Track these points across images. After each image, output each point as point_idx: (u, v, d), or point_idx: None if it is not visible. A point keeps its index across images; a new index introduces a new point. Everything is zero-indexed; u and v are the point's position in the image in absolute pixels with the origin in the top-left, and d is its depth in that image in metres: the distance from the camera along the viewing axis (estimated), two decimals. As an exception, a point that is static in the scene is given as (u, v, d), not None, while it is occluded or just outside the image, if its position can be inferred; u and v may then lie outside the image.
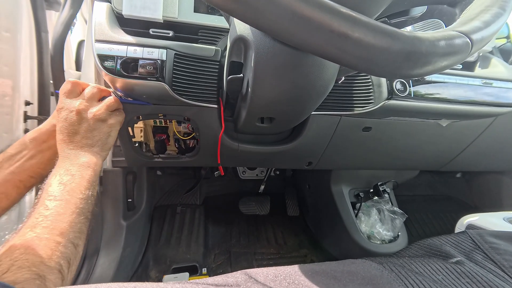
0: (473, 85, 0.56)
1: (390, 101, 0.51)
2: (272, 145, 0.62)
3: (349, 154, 0.74)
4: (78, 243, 0.34)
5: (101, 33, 0.43)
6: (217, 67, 0.49)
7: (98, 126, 0.43)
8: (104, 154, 0.45)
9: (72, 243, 0.33)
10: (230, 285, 0.21)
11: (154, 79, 0.43)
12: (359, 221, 0.86)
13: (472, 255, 0.31)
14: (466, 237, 0.34)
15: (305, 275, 0.25)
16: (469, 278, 0.27)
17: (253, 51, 0.35)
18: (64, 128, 0.41)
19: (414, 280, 0.26)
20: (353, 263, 0.28)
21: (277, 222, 1.04)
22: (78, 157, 0.40)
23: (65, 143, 0.41)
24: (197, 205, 0.99)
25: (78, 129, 0.42)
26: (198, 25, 0.51)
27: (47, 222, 0.32)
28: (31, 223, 0.32)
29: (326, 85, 0.40)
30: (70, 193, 0.36)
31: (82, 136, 0.42)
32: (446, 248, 0.33)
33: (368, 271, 0.27)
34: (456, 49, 0.20)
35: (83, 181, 0.38)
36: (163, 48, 0.44)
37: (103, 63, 0.42)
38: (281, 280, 0.23)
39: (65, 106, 0.42)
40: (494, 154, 0.88)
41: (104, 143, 0.44)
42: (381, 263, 0.29)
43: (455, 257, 0.30)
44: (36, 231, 0.31)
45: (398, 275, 0.26)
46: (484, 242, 0.32)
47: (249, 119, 0.48)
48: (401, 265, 0.28)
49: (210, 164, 0.66)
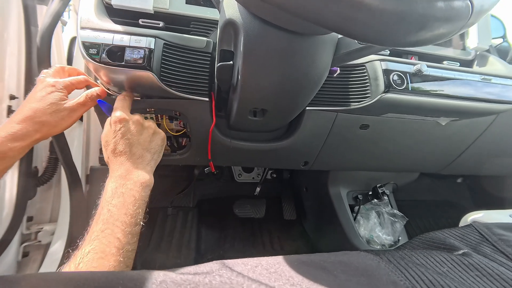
0: (472, 81, 0.55)
1: (387, 94, 0.49)
2: (266, 142, 0.59)
3: (346, 154, 0.71)
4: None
5: (87, 21, 0.41)
6: (208, 59, 0.47)
7: (155, 138, 0.43)
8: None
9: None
10: (202, 272, 0.19)
11: (141, 68, 0.42)
12: (358, 224, 0.82)
13: (479, 247, 0.28)
14: (472, 230, 0.31)
15: (289, 265, 0.22)
16: (478, 271, 0.24)
17: (242, 35, 0.33)
18: (125, 139, 0.39)
19: (415, 272, 0.23)
20: (346, 254, 0.25)
21: (274, 227, 1.00)
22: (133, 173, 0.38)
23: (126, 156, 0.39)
24: (190, 207, 0.95)
25: (139, 140, 0.41)
26: (190, 17, 0.50)
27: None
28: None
29: (319, 73, 0.38)
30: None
31: (143, 148, 0.41)
32: (451, 241, 0.29)
33: (362, 261, 0.24)
34: (455, 12, 0.18)
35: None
36: (152, 37, 0.43)
37: (88, 51, 0.40)
38: (261, 270, 0.21)
39: (128, 119, 0.41)
40: (495, 157, 0.86)
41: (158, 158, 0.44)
42: (377, 254, 0.26)
43: (461, 249, 0.27)
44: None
45: (396, 266, 0.24)
46: (492, 234, 0.30)
47: (241, 111, 0.46)
48: (400, 257, 0.25)
49: (202, 162, 0.64)
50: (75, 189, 0.64)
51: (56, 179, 0.71)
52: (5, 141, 0.36)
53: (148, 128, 0.44)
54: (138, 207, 0.35)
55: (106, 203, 0.34)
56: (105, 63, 0.40)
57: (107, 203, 0.34)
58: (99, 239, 0.30)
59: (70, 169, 0.63)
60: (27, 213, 0.67)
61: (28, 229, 0.67)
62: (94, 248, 0.29)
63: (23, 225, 0.65)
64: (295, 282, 0.19)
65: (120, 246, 0.31)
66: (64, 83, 0.42)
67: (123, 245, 0.31)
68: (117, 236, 0.31)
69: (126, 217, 0.33)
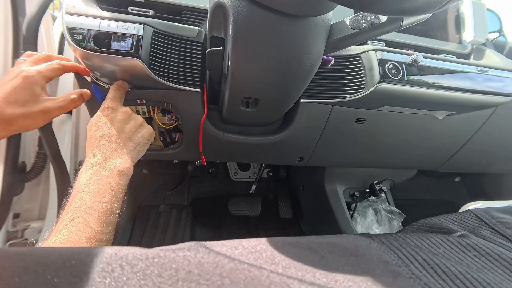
0: (468, 73, 0.54)
1: (383, 84, 0.48)
2: (260, 136, 0.58)
3: (342, 149, 0.70)
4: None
5: (73, 6, 0.40)
6: (200, 49, 0.46)
7: (141, 130, 0.43)
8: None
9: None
10: (174, 249, 0.17)
11: (128, 55, 0.40)
12: (355, 222, 0.81)
13: (478, 231, 0.27)
14: (470, 215, 0.30)
15: (273, 246, 0.20)
16: (476, 251, 0.23)
17: (231, 18, 0.32)
18: (109, 125, 0.38)
19: (409, 252, 0.21)
20: (335, 236, 0.24)
21: (270, 226, 0.99)
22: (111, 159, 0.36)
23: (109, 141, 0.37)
24: (184, 205, 0.93)
25: (124, 128, 0.40)
26: (182, 6, 0.49)
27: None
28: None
29: (312, 60, 0.37)
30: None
31: (127, 137, 0.40)
32: (448, 225, 0.28)
33: (353, 242, 0.22)
34: None
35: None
36: (141, 24, 0.41)
37: (73, 37, 0.39)
38: (242, 250, 0.19)
39: (116, 107, 0.40)
40: (493, 153, 0.85)
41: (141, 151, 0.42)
42: (369, 237, 0.24)
43: (458, 232, 0.26)
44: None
45: (389, 247, 0.22)
46: (491, 218, 0.28)
47: (233, 100, 0.44)
48: (393, 238, 0.24)
49: (196, 157, 0.62)
50: (64, 185, 0.62)
51: (45, 175, 0.69)
52: None
53: (135, 119, 0.43)
54: (114, 195, 0.32)
55: (78, 191, 0.31)
56: (91, 50, 0.39)
57: (80, 191, 0.31)
58: (68, 228, 0.28)
59: (59, 164, 0.61)
60: (14, 209, 0.64)
61: (14, 226, 0.65)
62: (61, 237, 0.27)
63: (8, 222, 0.63)
64: (277, 261, 0.18)
65: (92, 235, 0.28)
66: (40, 73, 0.37)
67: (95, 235, 0.28)
68: (90, 225, 0.28)
69: (101, 205, 0.30)
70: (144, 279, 0.13)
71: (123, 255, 0.14)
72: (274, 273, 0.15)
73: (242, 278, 0.14)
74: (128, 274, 0.13)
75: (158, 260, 0.14)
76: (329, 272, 0.18)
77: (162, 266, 0.14)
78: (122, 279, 0.13)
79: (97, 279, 0.13)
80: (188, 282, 0.13)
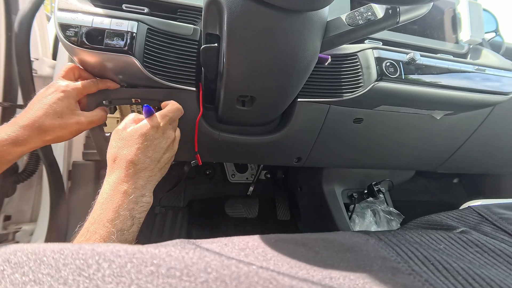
0: (466, 72, 0.54)
1: (380, 82, 0.47)
2: (256, 135, 0.57)
3: (340, 150, 0.70)
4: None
5: (65, 2, 0.39)
6: (195, 47, 0.45)
7: (170, 153, 0.43)
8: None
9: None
10: (162, 245, 0.16)
11: (122, 52, 0.40)
12: (353, 223, 0.80)
13: (479, 227, 0.26)
14: (471, 211, 0.29)
15: (265, 242, 0.19)
16: (478, 247, 0.22)
17: (225, 13, 0.31)
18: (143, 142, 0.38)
19: (408, 248, 0.20)
20: (332, 233, 0.23)
21: (267, 228, 0.97)
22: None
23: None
24: (180, 207, 0.92)
25: (161, 158, 0.41)
26: (177, 3, 0.49)
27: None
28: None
29: (308, 57, 0.36)
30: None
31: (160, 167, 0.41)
32: (448, 222, 0.27)
33: (349, 238, 0.21)
34: None
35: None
36: (135, 21, 0.41)
37: (65, 33, 0.38)
38: (232, 247, 0.18)
39: (165, 131, 0.41)
40: (491, 153, 0.85)
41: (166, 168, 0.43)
42: (367, 234, 0.24)
43: (459, 228, 0.25)
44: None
45: (387, 243, 0.21)
46: (492, 214, 0.28)
47: (228, 98, 0.44)
48: (392, 235, 0.23)
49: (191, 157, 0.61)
50: (56, 187, 0.60)
51: (38, 176, 0.68)
52: (5, 144, 0.34)
53: (172, 149, 0.44)
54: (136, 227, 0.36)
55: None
56: (84, 46, 0.38)
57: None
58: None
59: (51, 165, 0.60)
60: (5, 211, 0.63)
61: (5, 228, 0.63)
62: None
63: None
64: (269, 258, 0.17)
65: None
66: (76, 89, 0.40)
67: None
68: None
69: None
70: (122, 275, 0.12)
71: (100, 251, 0.14)
72: (263, 269, 0.14)
73: (228, 274, 0.13)
74: (104, 270, 0.13)
75: (138, 256, 0.14)
76: (324, 268, 0.17)
77: (142, 262, 0.13)
78: (97, 276, 0.12)
79: (70, 276, 0.12)
80: (169, 278, 0.12)
